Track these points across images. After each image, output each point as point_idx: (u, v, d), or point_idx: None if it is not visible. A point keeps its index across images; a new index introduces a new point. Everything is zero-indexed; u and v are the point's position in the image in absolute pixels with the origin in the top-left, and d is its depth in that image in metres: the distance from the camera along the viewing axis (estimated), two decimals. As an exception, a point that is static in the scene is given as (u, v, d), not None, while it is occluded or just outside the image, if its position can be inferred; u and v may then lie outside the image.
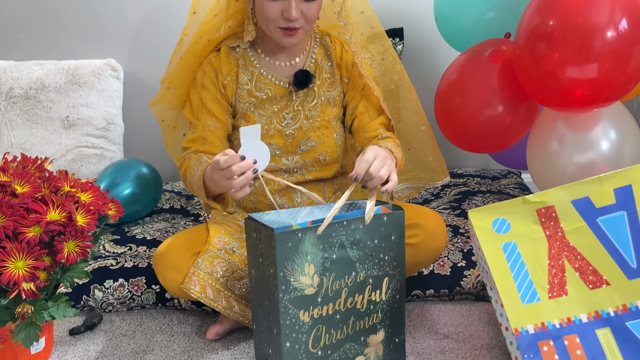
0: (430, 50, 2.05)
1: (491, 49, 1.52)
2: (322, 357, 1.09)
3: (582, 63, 1.25)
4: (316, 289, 1.06)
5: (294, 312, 1.04)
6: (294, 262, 1.03)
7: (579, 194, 1.05)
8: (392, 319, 1.15)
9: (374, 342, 1.14)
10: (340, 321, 1.10)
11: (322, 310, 1.07)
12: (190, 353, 1.28)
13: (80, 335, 1.36)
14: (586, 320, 1.00)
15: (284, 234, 1.01)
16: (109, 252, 1.54)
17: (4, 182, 1.12)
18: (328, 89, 1.37)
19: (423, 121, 1.47)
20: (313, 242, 1.04)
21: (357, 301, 1.10)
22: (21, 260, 1.05)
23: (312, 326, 1.07)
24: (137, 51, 2.08)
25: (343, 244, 1.07)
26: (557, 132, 1.43)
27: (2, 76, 1.97)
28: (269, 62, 1.35)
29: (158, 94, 1.46)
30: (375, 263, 1.11)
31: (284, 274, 1.02)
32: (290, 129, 1.35)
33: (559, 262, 1.04)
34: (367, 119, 1.38)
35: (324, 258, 1.06)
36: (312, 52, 1.37)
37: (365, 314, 1.12)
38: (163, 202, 1.90)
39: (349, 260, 1.08)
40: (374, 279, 1.11)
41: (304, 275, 1.04)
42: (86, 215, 1.14)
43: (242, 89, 1.34)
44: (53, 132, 1.95)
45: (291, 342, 1.05)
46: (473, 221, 1.08)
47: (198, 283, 1.21)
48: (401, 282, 1.14)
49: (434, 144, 1.49)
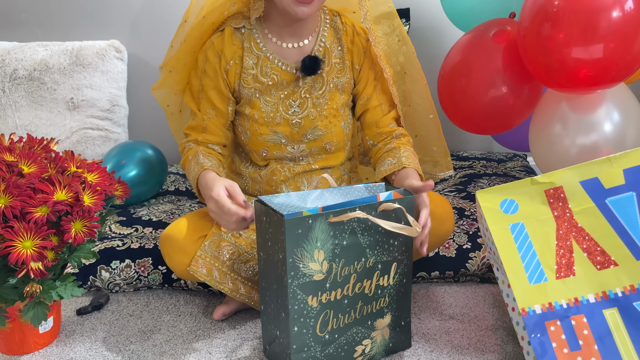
0: (437, 31, 2.03)
1: (495, 29, 1.50)
2: (330, 340, 1.10)
3: (588, 43, 1.24)
4: (325, 274, 1.06)
5: (302, 298, 1.04)
6: (304, 249, 1.02)
7: (588, 174, 1.05)
8: (399, 302, 1.15)
9: (381, 326, 1.15)
10: (348, 306, 1.10)
11: (330, 296, 1.07)
12: (197, 333, 1.29)
13: (88, 315, 1.38)
14: (593, 300, 1.00)
15: (294, 220, 1.00)
16: (115, 233, 1.54)
17: (10, 162, 1.12)
18: (337, 75, 1.33)
19: (431, 109, 1.45)
20: (324, 228, 1.03)
21: (365, 286, 1.10)
22: (29, 240, 1.06)
23: (320, 311, 1.07)
24: (141, 33, 2.07)
25: (354, 231, 1.07)
26: (560, 114, 1.42)
27: (6, 57, 1.96)
28: (276, 43, 1.30)
29: (160, 78, 1.43)
30: (385, 249, 1.11)
31: (293, 260, 1.02)
32: (297, 118, 1.32)
33: (567, 243, 1.04)
34: (380, 113, 1.35)
35: (334, 244, 1.05)
36: (322, 34, 1.32)
37: (373, 298, 1.12)
38: (168, 184, 1.90)
39: (359, 247, 1.08)
40: (383, 264, 1.11)
41: (313, 261, 1.04)
42: (93, 195, 1.14)
43: (247, 73, 1.30)
44: (58, 114, 1.95)
45: (299, 327, 1.05)
46: (481, 202, 1.07)
47: (204, 266, 1.21)
48: (408, 266, 1.14)
49: (440, 134, 1.47)
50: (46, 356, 1.22)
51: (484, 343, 1.21)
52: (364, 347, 1.14)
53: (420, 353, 1.19)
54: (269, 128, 1.32)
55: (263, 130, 1.32)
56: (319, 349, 1.08)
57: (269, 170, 1.36)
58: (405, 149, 1.30)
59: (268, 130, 1.32)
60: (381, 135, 1.35)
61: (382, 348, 1.16)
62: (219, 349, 1.23)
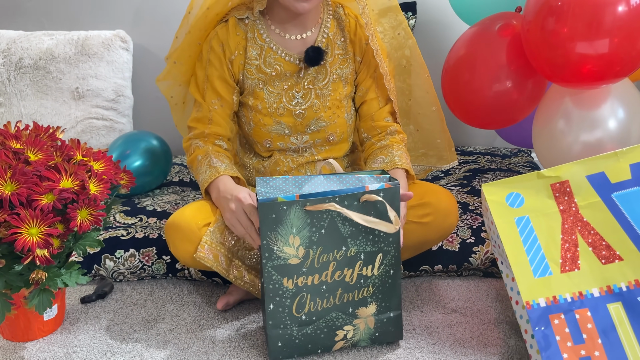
0: (443, 24, 2.02)
1: (501, 22, 1.49)
2: (307, 322, 1.12)
3: (592, 38, 1.24)
4: (301, 259, 1.08)
5: (277, 278, 1.08)
6: (278, 233, 1.06)
7: (594, 169, 1.05)
8: (385, 293, 1.14)
9: (364, 315, 1.14)
10: (327, 292, 1.11)
11: (306, 280, 1.09)
12: (200, 322, 1.29)
13: (92, 304, 1.38)
14: (598, 294, 1.00)
15: (268, 205, 1.04)
16: (120, 222, 1.55)
17: (17, 150, 1.12)
18: (340, 66, 1.33)
19: (434, 102, 1.45)
20: (299, 215, 1.05)
21: (346, 275, 1.11)
22: (35, 227, 1.06)
23: (295, 293, 1.10)
24: (147, 23, 2.06)
25: (334, 220, 1.07)
26: (564, 110, 1.41)
27: (11, 46, 1.96)
28: (279, 34, 1.31)
29: (164, 70, 1.44)
30: (369, 240, 1.10)
31: (267, 242, 1.06)
32: (300, 109, 1.32)
33: (572, 237, 1.04)
34: (376, 106, 1.36)
35: (312, 232, 1.07)
36: (325, 25, 1.32)
37: (355, 287, 1.12)
38: (172, 175, 1.90)
39: (339, 236, 1.08)
40: (367, 254, 1.11)
41: (288, 246, 1.07)
42: (99, 184, 1.14)
43: (251, 64, 1.30)
44: (63, 103, 1.95)
45: (274, 304, 1.10)
46: (487, 195, 1.07)
47: (211, 252, 1.21)
48: (396, 257, 1.12)
49: (444, 126, 1.48)
50: (50, 343, 1.23)
51: (487, 337, 1.21)
52: (345, 332, 1.14)
53: (422, 345, 1.19)
54: (272, 119, 1.32)
55: (266, 121, 1.32)
56: (296, 328, 1.11)
57: (272, 161, 1.37)
58: (398, 148, 1.32)
59: (271, 121, 1.32)
60: (375, 130, 1.36)
61: (367, 336, 1.16)
62: (222, 338, 1.23)
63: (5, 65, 1.95)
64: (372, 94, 1.35)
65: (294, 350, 1.13)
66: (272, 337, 1.11)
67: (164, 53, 2.03)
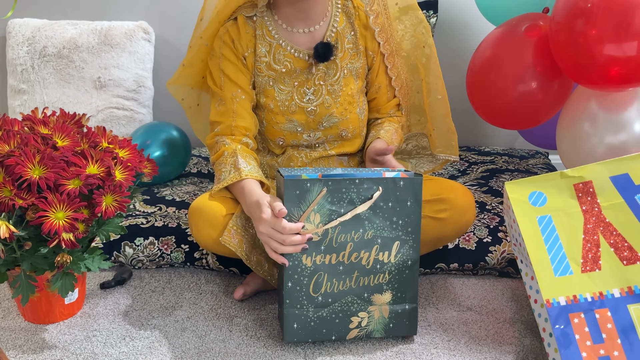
0: (465, 24, 2.02)
1: (528, 23, 1.49)
2: (323, 303, 1.14)
3: (621, 40, 1.24)
4: (320, 237, 1.11)
5: (297, 255, 1.11)
6: (300, 209, 1.10)
7: (618, 170, 1.05)
8: (402, 283, 1.16)
9: (379, 302, 1.16)
10: (344, 273, 1.13)
11: (324, 259, 1.12)
12: (217, 311, 1.31)
13: (111, 290, 1.40)
14: (618, 295, 1.00)
15: (293, 181, 1.09)
16: (140, 211, 1.57)
17: (45, 135, 1.14)
18: (351, 60, 1.33)
19: (439, 90, 1.45)
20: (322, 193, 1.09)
21: (363, 257, 1.13)
22: (61, 211, 1.08)
23: (313, 271, 1.12)
24: (169, 15, 2.08)
25: (353, 201, 1.11)
26: (589, 112, 1.41)
27: (36, 34, 1.99)
28: (287, 29, 1.30)
29: (175, 74, 1.44)
30: (387, 225, 1.13)
31: (290, 218, 1.10)
32: (312, 105, 1.32)
33: (594, 237, 1.04)
34: (385, 100, 1.39)
35: (331, 210, 1.11)
36: (334, 19, 1.32)
37: (371, 271, 1.14)
38: (191, 166, 1.92)
39: (357, 217, 1.12)
40: (383, 239, 1.14)
41: (309, 222, 1.10)
42: (124, 171, 1.16)
43: (261, 61, 1.30)
44: (85, 92, 1.97)
45: (292, 283, 1.12)
46: (509, 193, 1.08)
47: (236, 236, 1.22)
48: (414, 248, 1.15)
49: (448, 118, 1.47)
50: (70, 326, 1.25)
51: (502, 335, 1.22)
52: (360, 319, 1.16)
53: (437, 342, 1.20)
54: (284, 117, 1.32)
55: (279, 119, 1.33)
56: (312, 309, 1.14)
57: (286, 157, 1.37)
58: (389, 124, 1.37)
59: (284, 119, 1.32)
60: (377, 118, 1.43)
61: (381, 326, 1.17)
62: (239, 327, 1.25)
63: (29, 53, 1.97)
64: (384, 90, 1.39)
65: (309, 333, 1.15)
66: (288, 317, 1.14)
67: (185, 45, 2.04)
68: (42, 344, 1.20)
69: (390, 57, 1.36)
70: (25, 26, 2.01)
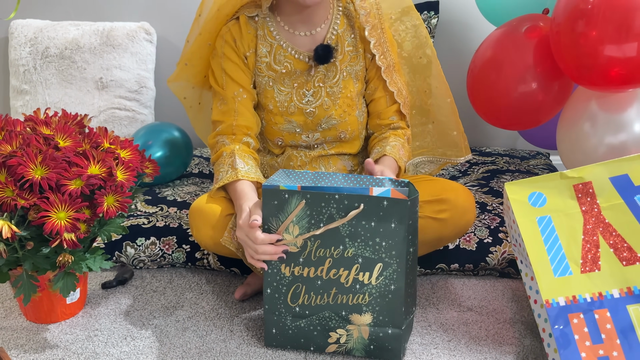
0: (466, 25, 2.02)
1: (528, 24, 1.50)
2: (301, 314, 1.14)
3: (622, 41, 1.24)
4: (299, 249, 1.11)
5: (276, 264, 1.13)
6: (279, 219, 1.10)
7: (618, 171, 1.05)
8: (384, 307, 1.10)
9: (358, 322, 1.12)
10: (322, 288, 1.12)
11: (302, 271, 1.12)
12: (218, 311, 1.31)
13: (112, 290, 1.41)
14: (618, 295, 1.00)
15: (270, 191, 1.09)
16: (141, 211, 1.57)
17: (47, 136, 1.15)
18: (350, 63, 1.33)
19: (448, 94, 1.46)
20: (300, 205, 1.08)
21: (342, 275, 1.11)
22: (63, 211, 1.09)
23: (292, 281, 1.12)
24: (171, 16, 2.09)
25: (332, 216, 1.08)
26: (589, 112, 1.42)
27: (38, 35, 2.00)
28: (289, 31, 1.31)
29: (175, 71, 1.43)
30: (369, 245, 1.08)
31: (269, 227, 1.11)
32: (311, 107, 1.32)
33: (594, 238, 1.04)
34: (384, 104, 1.36)
35: (310, 223, 1.09)
36: (334, 22, 1.32)
37: (350, 290, 1.11)
38: (192, 166, 1.93)
39: (337, 234, 1.09)
40: (365, 259, 1.09)
41: (287, 233, 1.10)
42: (125, 171, 1.17)
43: (261, 61, 1.31)
44: (87, 93, 1.98)
45: (272, 290, 1.14)
46: (509, 194, 1.08)
47: (236, 237, 1.22)
48: (399, 273, 1.08)
49: (458, 118, 1.48)
50: (72, 326, 1.26)
51: (502, 336, 1.22)
52: (339, 335, 1.14)
53: (438, 342, 1.20)
54: (283, 117, 1.33)
55: (278, 119, 1.33)
56: (290, 318, 1.14)
57: (285, 156, 1.38)
58: (395, 139, 1.33)
59: (282, 119, 1.33)
60: (380, 127, 1.38)
61: (361, 346, 1.14)
62: (240, 327, 1.25)
63: (31, 54, 1.98)
64: (381, 92, 1.36)
65: (287, 340, 1.15)
66: (267, 322, 1.15)
67: (187, 46, 2.07)
68: (44, 343, 1.20)
69: (388, 71, 1.33)
70: (27, 27, 2.02)
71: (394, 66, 1.36)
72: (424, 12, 1.94)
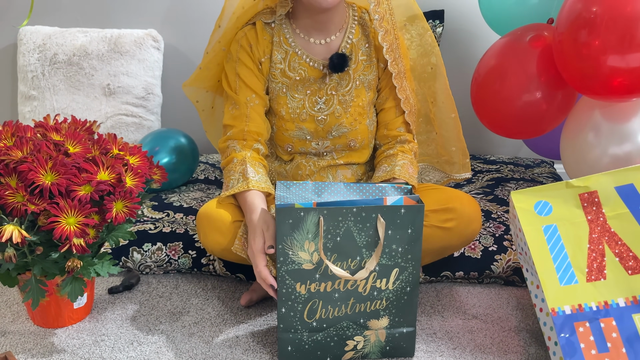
0: (471, 34, 2.04)
1: (532, 33, 1.50)
2: (318, 328, 1.12)
3: (625, 51, 1.24)
4: (315, 265, 1.08)
5: (290, 283, 1.09)
6: (294, 238, 1.07)
7: (624, 180, 1.06)
8: (400, 309, 1.13)
9: (375, 327, 1.14)
10: (339, 300, 1.11)
11: (319, 287, 1.09)
12: (224, 317, 1.32)
13: (119, 295, 1.42)
14: (623, 304, 1.01)
15: (285, 210, 1.05)
16: (148, 217, 1.58)
17: (57, 142, 1.16)
18: (364, 72, 1.34)
19: (453, 109, 1.46)
20: (316, 222, 1.06)
21: (359, 285, 1.10)
22: (73, 217, 1.10)
23: (308, 299, 1.10)
24: (179, 23, 2.11)
25: (350, 230, 1.07)
26: (593, 122, 1.42)
27: (47, 42, 2.02)
28: (304, 39, 1.32)
29: (192, 75, 1.45)
30: (386, 253, 1.09)
31: (283, 246, 1.07)
32: (323, 114, 1.33)
33: (599, 247, 1.05)
34: (392, 115, 1.37)
35: (327, 238, 1.07)
36: (350, 31, 1.33)
37: (368, 298, 1.11)
38: (198, 172, 1.94)
39: (354, 245, 1.08)
40: (382, 267, 1.10)
41: (303, 250, 1.07)
42: (134, 177, 1.18)
43: (276, 67, 1.32)
44: (94, 99, 2.00)
45: (286, 309, 1.11)
46: (515, 202, 1.09)
47: (246, 244, 1.23)
48: (414, 275, 1.11)
49: (461, 135, 1.48)
50: (79, 331, 1.27)
51: (507, 344, 1.22)
52: (355, 342, 1.14)
53: (443, 349, 1.20)
54: (294, 124, 1.34)
55: (289, 126, 1.34)
56: (306, 333, 1.12)
57: (294, 164, 1.39)
58: (403, 157, 1.33)
59: (294, 126, 1.34)
60: (387, 138, 1.38)
61: (377, 349, 1.15)
62: (246, 333, 1.26)
63: (40, 60, 2.00)
64: (391, 102, 1.37)
65: (303, 355, 1.14)
66: (282, 340, 1.13)
67: (194, 53, 2.09)
68: (51, 347, 1.21)
69: (398, 77, 1.34)
70: (36, 34, 2.04)
71: (404, 73, 1.36)
72: (429, 20, 1.96)
